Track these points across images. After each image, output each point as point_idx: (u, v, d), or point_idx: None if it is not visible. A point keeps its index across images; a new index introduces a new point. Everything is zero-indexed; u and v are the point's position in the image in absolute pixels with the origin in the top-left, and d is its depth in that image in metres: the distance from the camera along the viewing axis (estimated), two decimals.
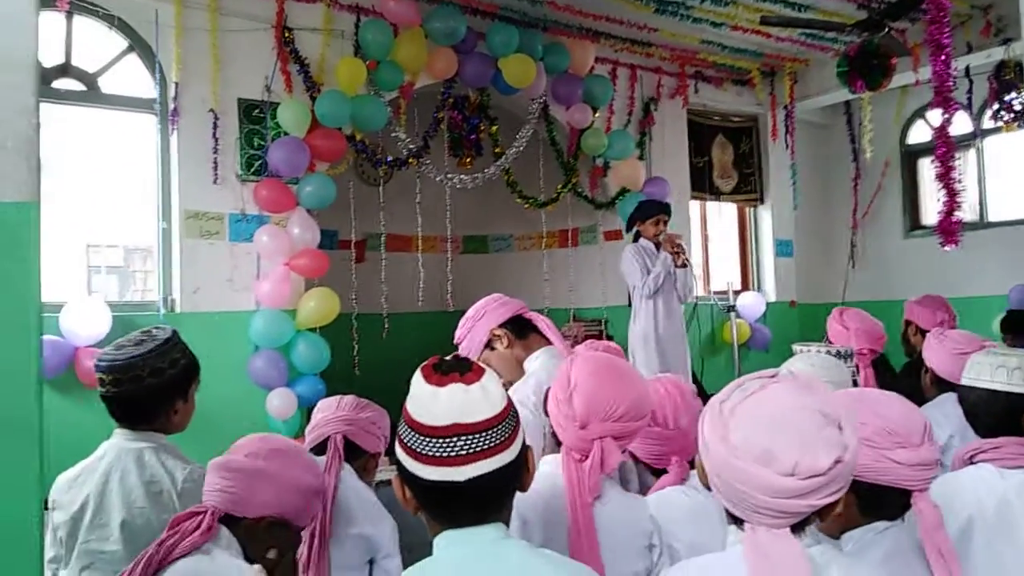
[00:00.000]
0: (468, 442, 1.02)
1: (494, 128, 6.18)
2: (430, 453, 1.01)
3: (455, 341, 2.48)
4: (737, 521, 1.10)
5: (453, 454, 1.01)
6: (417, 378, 1.10)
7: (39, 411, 1.18)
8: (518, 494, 1.13)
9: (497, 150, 6.14)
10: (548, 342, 2.42)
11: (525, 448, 1.10)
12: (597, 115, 6.56)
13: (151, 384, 1.85)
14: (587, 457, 1.51)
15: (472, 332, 2.42)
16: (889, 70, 5.50)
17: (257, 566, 1.57)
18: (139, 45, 4.88)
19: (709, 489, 1.21)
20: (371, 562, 2.14)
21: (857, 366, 2.94)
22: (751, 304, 7.55)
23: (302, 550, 1.88)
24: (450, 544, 1.04)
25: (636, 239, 5.31)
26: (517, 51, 5.81)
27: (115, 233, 6.64)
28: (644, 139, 7.02)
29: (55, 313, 4.27)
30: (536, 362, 2.41)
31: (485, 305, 2.48)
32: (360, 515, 2.14)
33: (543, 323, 2.44)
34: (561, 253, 7.35)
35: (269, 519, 1.58)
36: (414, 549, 2.44)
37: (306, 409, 5.09)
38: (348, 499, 2.12)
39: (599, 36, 6.37)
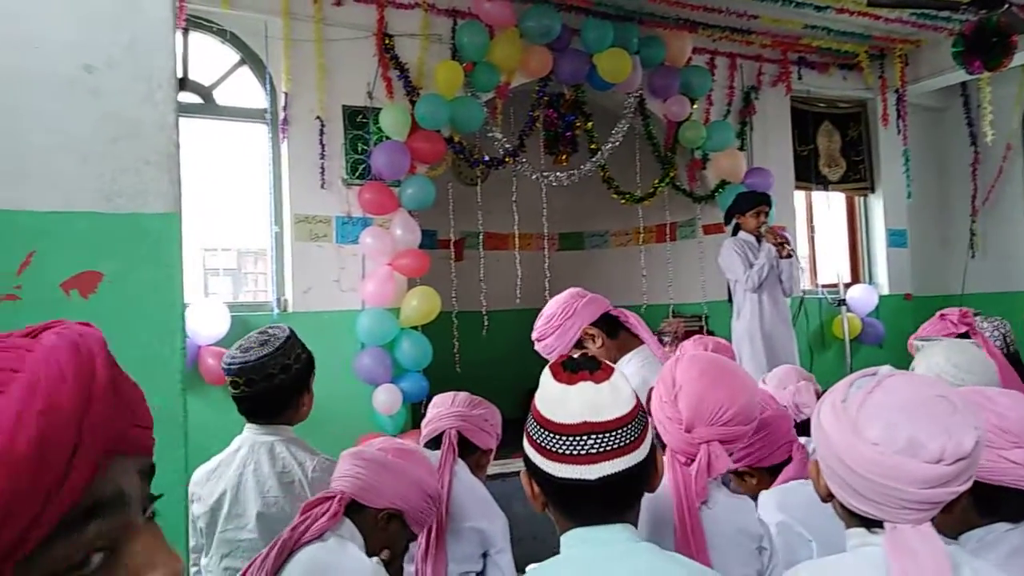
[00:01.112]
0: (599, 440, 1.02)
1: (589, 124, 6.15)
2: (561, 451, 1.02)
3: (535, 338, 2.41)
4: (868, 523, 1.07)
5: (584, 452, 1.01)
6: (546, 376, 1.10)
7: (183, 405, 1.27)
8: None
9: (593, 146, 6.12)
10: (639, 341, 2.34)
11: (654, 448, 1.09)
12: (695, 107, 6.43)
13: (281, 381, 1.95)
14: (693, 460, 1.48)
15: (561, 331, 2.33)
16: (1010, 49, 5.15)
17: (375, 559, 1.62)
18: (250, 58, 5.13)
19: (825, 499, 1.16)
20: (485, 555, 2.18)
21: None
22: (862, 297, 7.22)
23: (420, 542, 1.94)
24: (578, 543, 1.04)
25: (735, 233, 5.18)
26: (612, 46, 5.76)
27: (229, 237, 7.01)
28: (745, 129, 6.83)
29: None
30: (631, 365, 2.33)
31: (572, 302, 2.37)
32: (474, 509, 2.19)
33: (633, 320, 2.35)
34: (658, 248, 7.25)
35: (389, 511, 1.64)
36: (521, 543, 2.47)
37: (410, 405, 5.23)
38: (462, 493, 2.17)
39: (696, 26, 6.23)
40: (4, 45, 1.19)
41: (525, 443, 1.10)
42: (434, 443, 2.30)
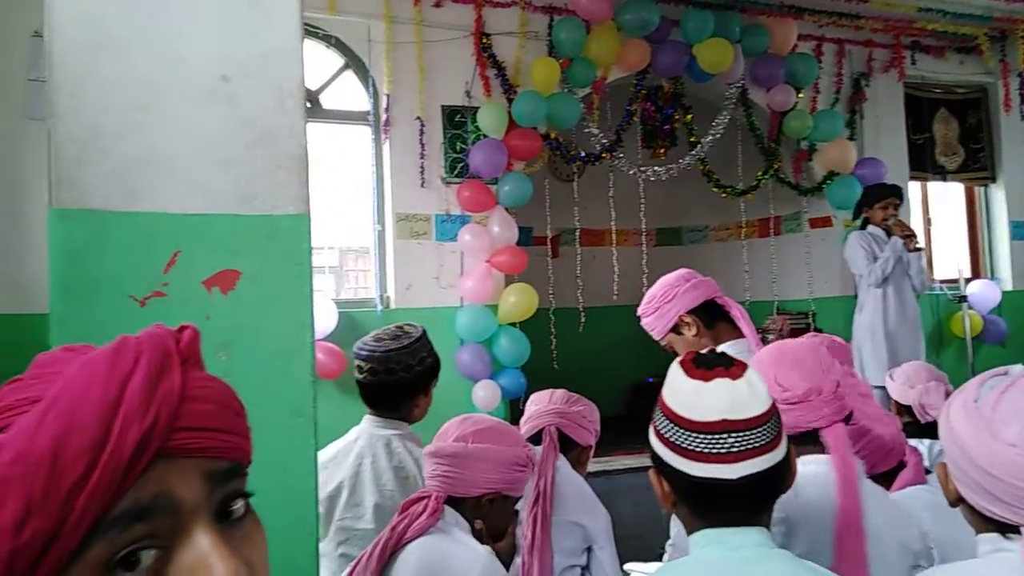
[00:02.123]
0: (739, 439, 0.99)
1: (689, 117, 6.04)
2: (698, 449, 1.00)
3: (638, 314, 2.36)
4: (1002, 528, 1.01)
5: (723, 451, 0.99)
6: (676, 373, 1.07)
7: (314, 397, 1.33)
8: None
9: (692, 139, 6.00)
10: (738, 334, 2.26)
11: (790, 448, 1.06)
12: (801, 96, 6.20)
13: (402, 377, 2.01)
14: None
15: (659, 312, 2.27)
16: None
17: (487, 547, 1.64)
18: (354, 62, 5.30)
19: (954, 503, 1.10)
20: (589, 550, 2.18)
21: None
22: (984, 293, 6.79)
23: (526, 533, 1.96)
24: (710, 543, 1.02)
25: (864, 227, 4.98)
26: (712, 36, 5.63)
27: (332, 236, 7.27)
28: (855, 118, 6.53)
29: None
30: (732, 351, 2.28)
31: (676, 285, 2.29)
32: (576, 504, 2.19)
33: (737, 312, 2.26)
34: (761, 243, 7.04)
35: (489, 495, 1.63)
36: (624, 541, 2.46)
37: (509, 401, 5.28)
38: (565, 488, 2.17)
39: (802, 12, 6.01)
40: (151, 61, 1.28)
41: (654, 440, 1.08)
42: (534, 440, 2.31)
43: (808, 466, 1.46)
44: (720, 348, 2.28)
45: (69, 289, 1.20)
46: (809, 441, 1.45)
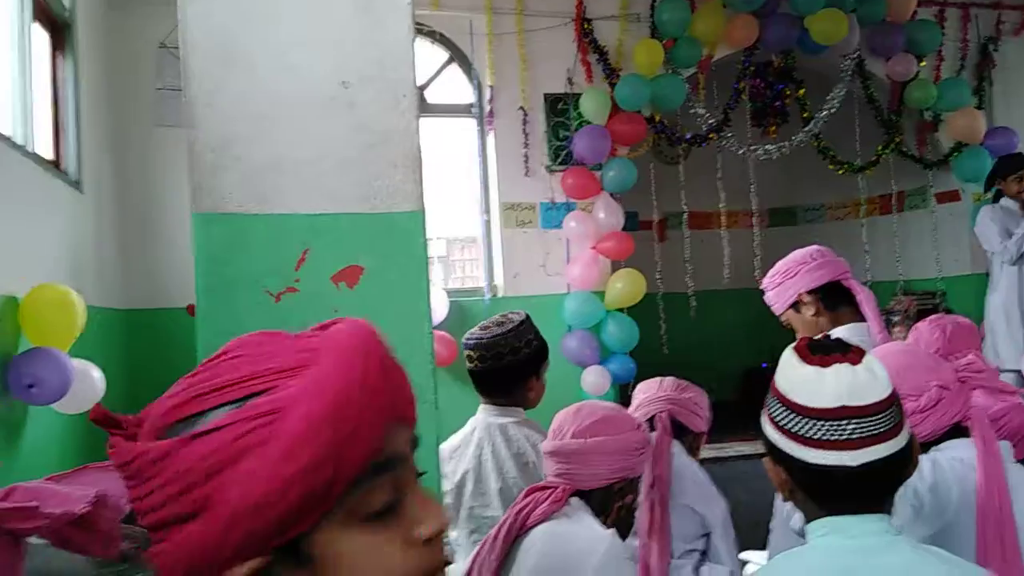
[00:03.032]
0: (860, 425, 0.97)
1: (801, 92, 5.80)
2: (817, 436, 0.98)
3: (762, 287, 2.29)
4: None
5: (844, 438, 0.97)
6: (791, 359, 1.05)
7: (434, 386, 1.40)
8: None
9: (805, 115, 5.76)
10: (859, 317, 2.16)
11: (912, 437, 1.03)
12: (923, 64, 5.84)
13: (510, 362, 2.06)
14: None
15: (780, 288, 2.22)
16: None
17: (611, 530, 1.65)
18: (457, 56, 5.40)
19: None
20: (707, 535, 2.17)
21: None
22: None
23: (645, 517, 1.97)
24: (830, 532, 1.01)
25: (997, 200, 4.65)
26: (825, 6, 5.37)
27: (439, 227, 7.45)
28: (983, 85, 6.09)
29: None
30: (844, 335, 2.18)
31: (801, 262, 2.21)
32: (694, 491, 2.18)
33: (862, 295, 2.16)
34: (883, 220, 6.68)
35: (618, 483, 1.64)
36: (741, 529, 2.42)
37: (618, 386, 5.27)
38: (682, 474, 2.17)
39: None
40: (275, 72, 1.37)
41: (768, 427, 1.07)
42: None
43: (946, 452, 1.40)
44: (836, 332, 2.22)
45: (212, 287, 1.31)
46: (949, 435, 1.40)
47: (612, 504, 1.66)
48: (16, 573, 0.85)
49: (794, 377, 1.02)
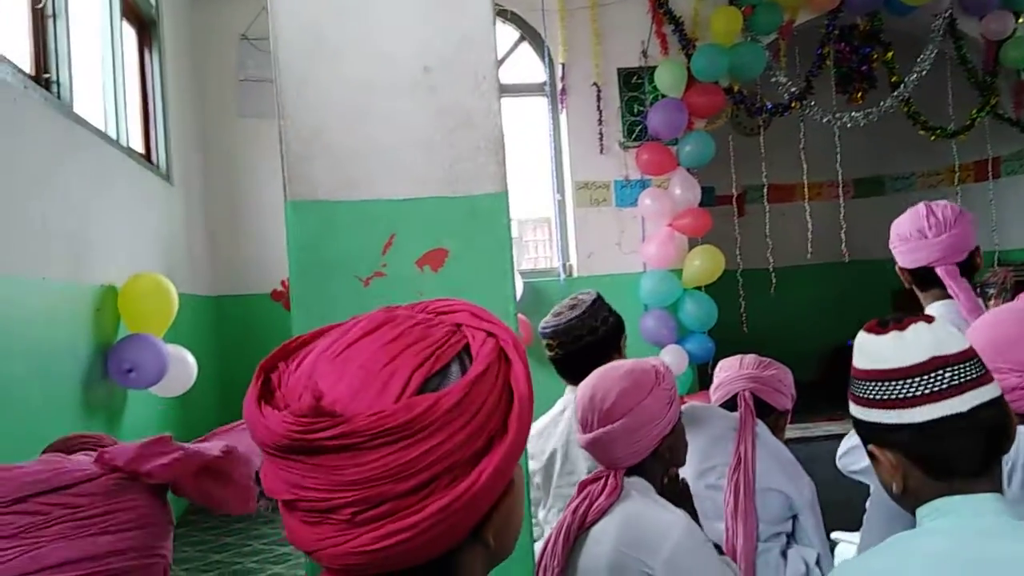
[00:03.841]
0: (956, 372, 0.96)
1: (889, 55, 5.53)
2: (916, 393, 0.96)
3: None
4: None
5: (945, 386, 0.95)
6: (866, 337, 1.05)
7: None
8: None
9: (894, 79, 5.49)
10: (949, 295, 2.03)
11: (1003, 396, 1.00)
12: (1021, 21, 5.47)
13: (590, 342, 2.05)
14: None
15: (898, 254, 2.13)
16: None
17: (682, 512, 1.60)
18: (529, 34, 5.36)
19: None
20: (794, 518, 2.12)
21: None
22: None
23: (728, 500, 1.93)
24: (943, 514, 0.97)
25: None
26: None
27: (512, 208, 7.47)
28: None
29: None
30: (935, 312, 2.07)
31: (902, 238, 2.11)
32: (779, 472, 2.12)
33: (953, 285, 2.01)
34: (978, 188, 6.34)
35: (657, 449, 1.56)
36: (827, 509, 2.36)
37: (696, 366, 5.19)
38: (766, 456, 2.11)
39: None
40: (361, 60, 1.39)
41: (862, 411, 1.03)
42: (728, 407, 2.25)
43: None
44: (929, 309, 2.12)
45: (305, 272, 1.34)
46: None
47: (663, 470, 1.60)
48: (164, 526, 0.89)
49: (876, 349, 1.02)
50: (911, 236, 2.12)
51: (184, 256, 4.36)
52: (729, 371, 2.35)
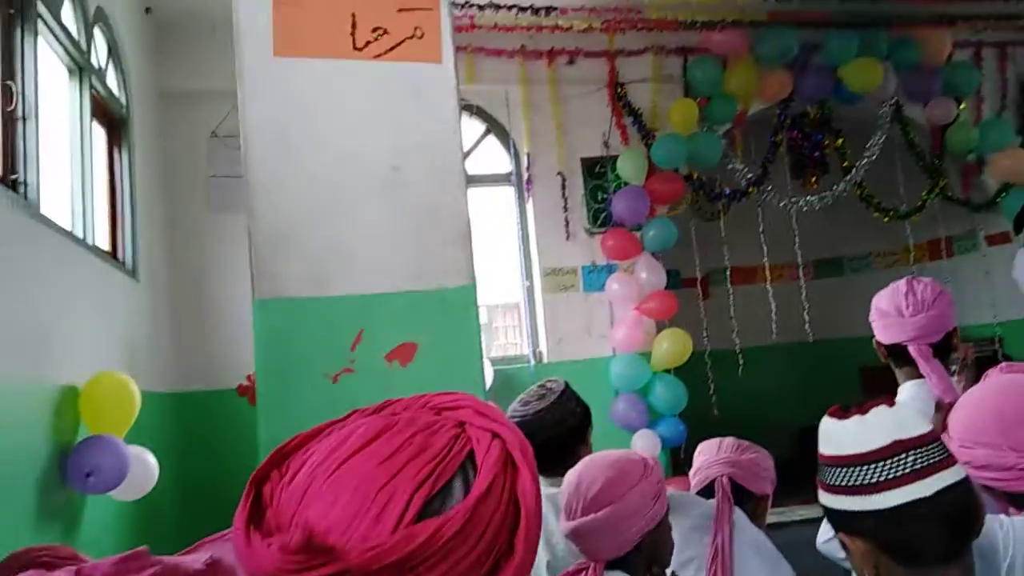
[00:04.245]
0: (918, 455, 0.96)
1: (840, 141, 5.78)
2: (880, 478, 0.96)
3: None
4: None
5: (908, 470, 0.95)
6: (829, 423, 1.07)
7: None
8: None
9: (845, 164, 5.72)
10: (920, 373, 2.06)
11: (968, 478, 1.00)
12: (963, 107, 5.79)
13: (558, 434, 2.02)
14: None
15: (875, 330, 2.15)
16: None
17: None
18: (495, 127, 5.52)
19: None
20: None
21: None
22: None
23: None
24: None
25: None
26: (858, 55, 5.40)
27: (481, 294, 7.50)
28: None
29: None
30: (908, 392, 2.09)
31: (879, 314, 2.14)
32: (756, 563, 2.08)
33: (925, 367, 2.05)
34: (933, 266, 6.54)
35: (640, 544, 1.53)
36: None
37: (669, 450, 5.15)
38: (744, 545, 2.07)
39: (954, 20, 5.65)
40: (331, 159, 1.42)
41: (830, 499, 1.03)
42: (706, 493, 2.22)
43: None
44: (902, 387, 2.14)
45: (272, 371, 1.33)
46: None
47: (645, 567, 1.57)
48: None
49: (839, 434, 1.03)
50: (889, 313, 2.15)
51: (148, 353, 4.28)
52: (707, 455, 2.32)
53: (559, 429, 2.03)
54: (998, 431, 1.27)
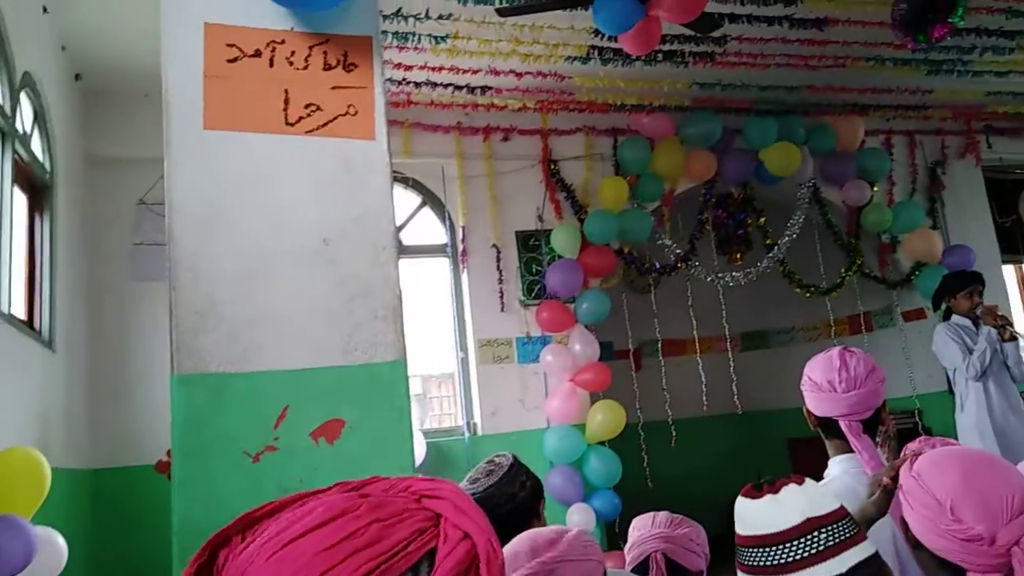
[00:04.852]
0: (830, 533, 0.98)
1: (762, 220, 6.04)
2: (798, 558, 0.97)
3: None
4: None
5: (822, 548, 0.97)
6: (743, 502, 1.08)
7: None
8: None
9: (768, 241, 5.97)
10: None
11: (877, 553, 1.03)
12: (876, 189, 6.15)
13: (508, 510, 1.98)
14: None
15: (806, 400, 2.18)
16: None
17: None
18: (430, 199, 5.58)
19: None
20: None
21: None
22: None
23: None
24: None
25: (947, 317, 4.74)
26: (777, 140, 5.72)
27: (416, 364, 7.42)
28: (935, 206, 6.41)
29: None
30: (838, 467, 2.13)
31: (814, 389, 2.18)
32: None
33: (856, 443, 2.10)
34: (853, 340, 6.79)
35: None
36: None
37: (604, 524, 5.11)
38: None
39: (866, 109, 6.05)
40: (260, 231, 1.40)
41: None
42: (641, 568, 2.20)
43: None
44: (831, 461, 2.18)
45: (189, 450, 1.27)
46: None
47: None
48: None
49: (753, 514, 1.04)
50: (822, 386, 2.18)
51: (62, 427, 4.06)
52: (642, 530, 2.30)
53: (509, 505, 1.99)
54: (969, 506, 1.28)
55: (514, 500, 1.97)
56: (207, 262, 1.37)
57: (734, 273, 5.88)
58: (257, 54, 1.44)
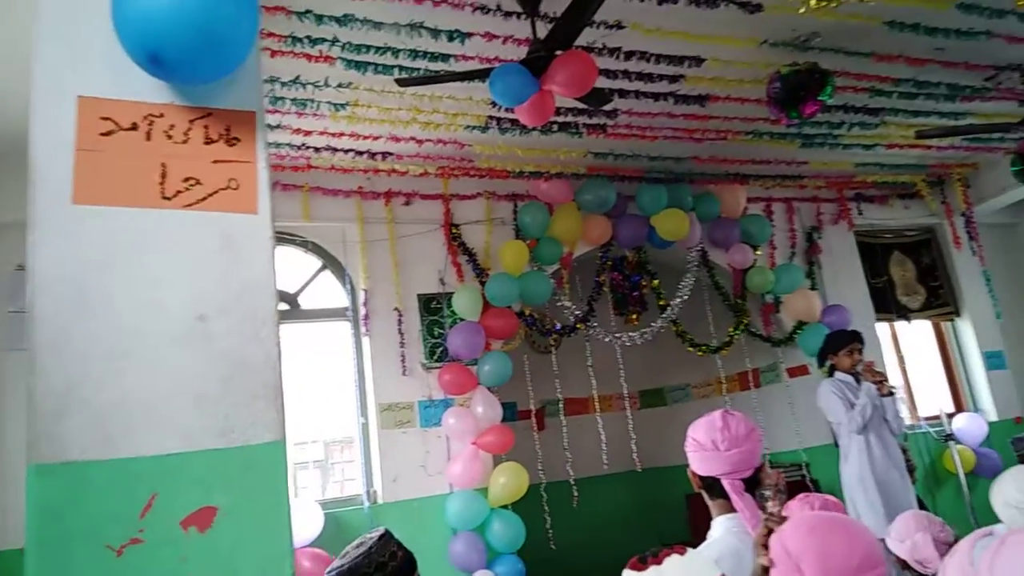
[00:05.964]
0: None
1: (655, 282, 6.27)
2: None
3: None
4: None
5: None
6: (629, 575, 1.14)
7: None
8: None
9: (661, 303, 6.19)
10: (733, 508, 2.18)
11: None
12: (759, 253, 6.50)
13: None
14: None
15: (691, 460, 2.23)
16: None
17: None
18: (331, 262, 5.51)
19: None
20: None
21: None
22: (970, 427, 6.79)
23: None
24: None
25: (831, 374, 5.03)
26: (667, 207, 5.99)
27: (316, 430, 7.19)
28: (813, 269, 6.82)
29: None
30: (717, 529, 2.20)
31: (697, 448, 2.23)
32: None
33: (738, 501, 2.17)
34: (743, 396, 7.07)
35: None
36: None
37: None
38: None
39: (747, 178, 6.44)
40: (130, 310, 1.35)
41: None
42: None
43: None
44: (719, 519, 2.23)
45: (45, 544, 1.18)
46: None
47: None
48: None
49: None
50: (705, 446, 2.25)
51: None
52: None
53: (381, 574, 1.96)
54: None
55: (384, 569, 1.95)
56: (73, 344, 1.30)
57: (631, 333, 6.04)
58: (134, 127, 1.42)
